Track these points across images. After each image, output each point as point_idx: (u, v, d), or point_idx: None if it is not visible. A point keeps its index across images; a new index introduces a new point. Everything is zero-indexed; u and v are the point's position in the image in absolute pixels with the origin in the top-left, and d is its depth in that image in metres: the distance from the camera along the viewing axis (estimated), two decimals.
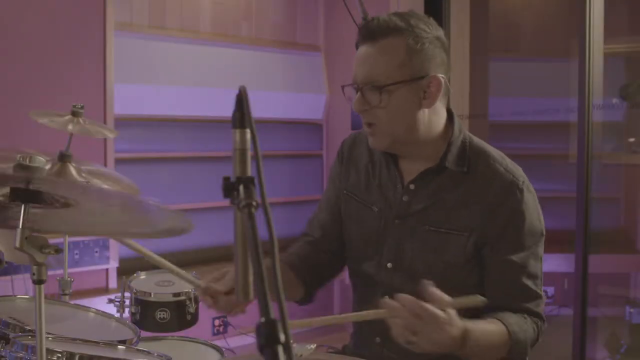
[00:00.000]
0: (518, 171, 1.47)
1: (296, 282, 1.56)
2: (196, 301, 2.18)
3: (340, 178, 1.62)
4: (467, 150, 1.45)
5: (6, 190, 1.13)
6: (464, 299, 1.26)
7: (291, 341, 0.63)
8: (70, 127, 2.06)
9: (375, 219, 1.51)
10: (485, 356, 1.34)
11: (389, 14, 1.42)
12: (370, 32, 1.39)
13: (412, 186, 1.46)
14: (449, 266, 1.42)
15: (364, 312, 1.31)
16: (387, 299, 1.22)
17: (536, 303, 1.43)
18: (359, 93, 1.39)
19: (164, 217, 1.26)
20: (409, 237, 1.46)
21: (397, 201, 1.48)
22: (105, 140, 3.20)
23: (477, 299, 1.27)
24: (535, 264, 1.43)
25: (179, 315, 2.14)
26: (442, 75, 1.39)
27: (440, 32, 1.42)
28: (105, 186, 1.95)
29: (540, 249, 1.45)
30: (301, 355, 1.30)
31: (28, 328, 1.52)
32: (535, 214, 1.44)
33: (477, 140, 1.51)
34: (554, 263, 4.04)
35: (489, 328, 1.33)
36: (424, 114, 1.40)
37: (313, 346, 1.42)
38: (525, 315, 1.41)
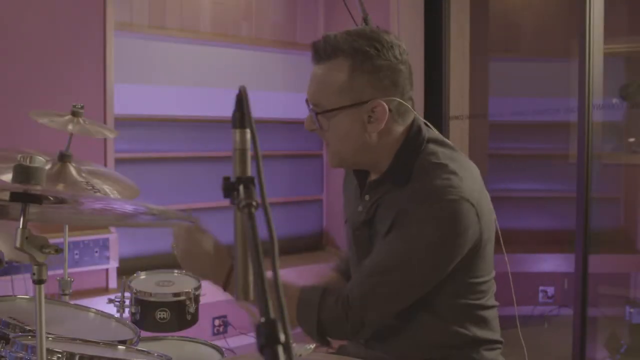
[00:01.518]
0: (450, 185, 1.29)
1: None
2: (196, 301, 2.18)
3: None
4: (412, 161, 1.36)
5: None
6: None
7: (291, 341, 0.63)
8: (70, 127, 2.06)
9: (347, 231, 1.57)
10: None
11: (342, 31, 1.35)
12: (316, 52, 1.36)
13: (366, 197, 1.46)
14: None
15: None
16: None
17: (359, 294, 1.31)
18: (309, 112, 1.40)
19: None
20: (360, 244, 1.48)
21: (355, 212, 1.51)
22: (105, 140, 3.20)
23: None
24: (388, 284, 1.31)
25: (179, 315, 2.14)
26: (392, 99, 1.33)
27: (397, 52, 1.33)
28: (105, 187, 1.95)
29: (414, 260, 1.30)
30: (300, 355, 1.31)
31: (28, 328, 1.52)
32: (433, 224, 1.28)
33: (431, 150, 1.38)
34: (554, 263, 4.05)
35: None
36: (371, 137, 1.36)
37: (312, 346, 1.42)
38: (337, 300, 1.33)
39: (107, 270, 3.23)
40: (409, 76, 1.36)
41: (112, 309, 2.09)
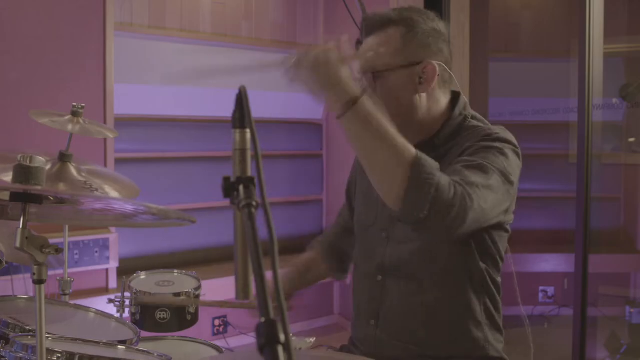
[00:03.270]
0: (496, 130, 1.44)
1: (325, 267, 1.78)
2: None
3: (353, 176, 1.75)
4: (461, 130, 1.47)
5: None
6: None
7: (291, 340, 0.63)
8: (70, 127, 2.06)
9: (373, 223, 1.57)
10: (374, 150, 1.22)
11: (388, 9, 1.49)
12: (369, 26, 1.46)
13: None
14: (432, 242, 1.42)
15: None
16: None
17: (474, 191, 1.25)
18: (362, 80, 1.44)
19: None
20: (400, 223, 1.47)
21: None
22: (105, 140, 3.20)
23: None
24: (490, 160, 1.33)
25: (179, 315, 2.14)
26: (439, 63, 1.43)
27: (438, 24, 1.46)
28: (105, 186, 1.95)
29: (498, 179, 1.31)
30: (300, 349, 1.30)
31: (28, 328, 1.52)
32: (498, 140, 1.38)
33: (479, 118, 1.51)
34: (554, 263, 4.05)
35: (392, 127, 1.22)
36: (420, 98, 1.44)
37: (312, 339, 1.42)
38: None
39: (107, 270, 3.24)
40: (450, 50, 1.48)
41: (112, 309, 2.09)
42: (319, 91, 1.21)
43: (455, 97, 1.52)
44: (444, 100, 1.49)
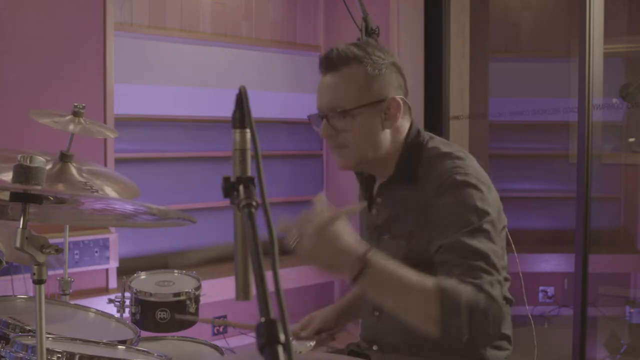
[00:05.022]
0: (459, 166, 1.40)
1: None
2: (196, 301, 2.18)
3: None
4: (419, 159, 1.48)
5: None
6: (350, 207, 1.28)
7: (291, 341, 0.63)
8: (71, 127, 2.06)
9: (363, 234, 1.62)
10: (403, 302, 1.22)
11: (346, 44, 1.49)
12: (331, 62, 1.46)
13: (378, 199, 1.55)
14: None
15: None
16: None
17: (488, 281, 1.24)
18: (324, 120, 1.47)
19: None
20: (376, 246, 1.43)
21: (369, 215, 1.58)
22: (105, 140, 3.20)
23: (359, 205, 1.36)
24: (482, 241, 1.29)
25: (179, 315, 2.14)
26: (400, 97, 1.47)
27: (395, 58, 1.51)
28: (105, 187, 1.95)
29: (488, 226, 1.32)
30: (300, 353, 1.30)
31: (28, 328, 1.52)
32: (465, 196, 1.35)
33: (433, 144, 1.50)
34: (554, 263, 4.05)
35: (403, 270, 1.21)
36: (385, 134, 1.48)
37: (312, 343, 1.42)
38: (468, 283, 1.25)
39: (107, 270, 3.24)
40: (405, 80, 1.52)
41: (112, 309, 2.09)
42: (330, 270, 1.21)
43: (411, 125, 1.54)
44: (405, 129, 1.52)
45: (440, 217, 1.35)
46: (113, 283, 3.25)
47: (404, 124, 1.51)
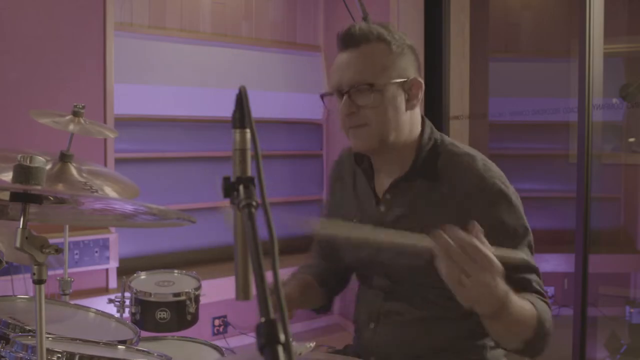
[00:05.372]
0: (491, 170, 1.42)
1: (319, 291, 1.64)
2: (196, 301, 2.18)
3: (329, 203, 1.72)
4: (437, 156, 1.46)
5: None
6: (508, 252, 1.20)
7: (291, 341, 0.63)
8: (71, 127, 2.06)
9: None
10: (513, 330, 1.24)
11: (365, 23, 1.47)
12: (353, 38, 1.43)
13: (388, 195, 1.50)
14: (428, 267, 1.27)
15: (411, 235, 1.22)
16: (439, 231, 1.11)
17: (541, 296, 1.35)
18: (345, 96, 1.41)
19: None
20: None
21: (374, 211, 1.52)
22: (105, 140, 3.20)
23: (518, 255, 1.27)
24: (530, 257, 1.39)
25: (179, 315, 2.14)
26: (421, 79, 1.45)
27: (412, 42, 1.49)
28: (105, 187, 1.95)
29: (528, 241, 1.41)
30: (300, 354, 1.30)
31: (28, 328, 1.52)
32: (512, 211, 1.40)
33: (448, 141, 1.50)
34: (554, 263, 4.05)
35: (522, 301, 1.23)
36: (406, 116, 1.45)
37: (312, 344, 1.42)
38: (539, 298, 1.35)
39: (107, 270, 3.24)
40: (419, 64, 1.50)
41: (112, 309, 2.09)
42: (475, 302, 1.13)
43: (422, 118, 1.52)
44: (418, 119, 1.50)
45: (491, 227, 1.28)
46: (113, 283, 3.25)
47: (418, 113, 1.49)
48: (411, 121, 1.46)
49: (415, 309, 1.46)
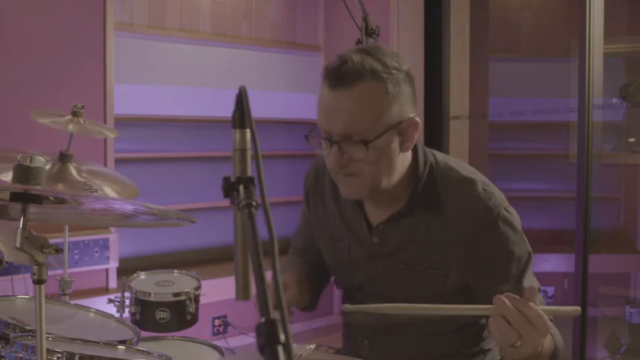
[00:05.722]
0: (494, 195, 1.34)
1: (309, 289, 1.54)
2: (196, 301, 2.18)
3: (310, 215, 1.64)
4: (435, 184, 1.36)
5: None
6: (560, 309, 1.24)
7: (291, 341, 0.63)
8: (70, 127, 2.06)
9: (345, 253, 1.49)
10: None
11: (356, 52, 1.26)
12: (344, 76, 1.23)
13: (381, 227, 1.41)
14: (430, 300, 1.22)
15: (472, 306, 1.23)
16: (500, 296, 1.11)
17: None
18: (334, 147, 1.27)
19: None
20: (383, 274, 1.43)
21: (367, 241, 1.43)
22: (105, 140, 3.20)
23: (573, 310, 1.23)
24: (530, 281, 1.40)
25: (179, 315, 2.14)
26: (414, 114, 1.31)
27: (407, 64, 1.30)
28: (105, 187, 1.95)
29: (530, 267, 1.43)
30: (300, 355, 1.30)
31: (28, 328, 1.52)
32: (519, 239, 1.38)
33: (443, 163, 1.39)
34: (554, 263, 4.05)
35: (547, 342, 1.24)
36: (400, 158, 1.32)
37: (312, 346, 1.42)
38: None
39: (107, 270, 3.24)
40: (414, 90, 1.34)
41: (112, 309, 2.09)
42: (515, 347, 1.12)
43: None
44: (410, 153, 1.37)
45: (501, 259, 1.35)
46: (113, 283, 3.25)
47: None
48: (404, 159, 1.34)
49: (411, 325, 1.42)
